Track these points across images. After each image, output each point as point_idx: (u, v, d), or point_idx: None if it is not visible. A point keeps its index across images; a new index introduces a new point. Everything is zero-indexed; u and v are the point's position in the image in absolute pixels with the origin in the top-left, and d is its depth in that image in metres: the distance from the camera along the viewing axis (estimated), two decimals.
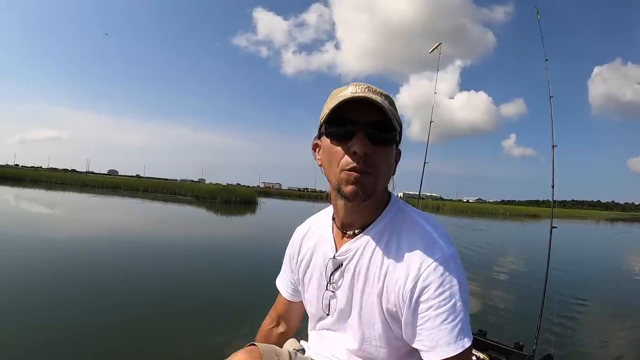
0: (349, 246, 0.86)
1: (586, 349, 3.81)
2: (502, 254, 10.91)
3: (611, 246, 17.09)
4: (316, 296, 0.94)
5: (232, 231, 12.21)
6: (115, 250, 6.78)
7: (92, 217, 12.34)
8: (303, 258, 0.98)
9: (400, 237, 0.82)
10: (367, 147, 0.75)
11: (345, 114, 0.77)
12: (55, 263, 5.53)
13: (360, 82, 0.81)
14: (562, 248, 10.72)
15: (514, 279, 7.23)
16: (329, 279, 0.90)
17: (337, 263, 0.88)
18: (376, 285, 0.81)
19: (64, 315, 3.51)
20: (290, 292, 1.07)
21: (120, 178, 54.11)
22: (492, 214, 42.21)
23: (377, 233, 0.84)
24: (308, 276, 0.97)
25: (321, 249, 0.94)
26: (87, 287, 4.45)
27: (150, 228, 10.76)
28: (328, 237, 0.93)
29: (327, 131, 0.80)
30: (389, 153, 0.80)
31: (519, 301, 5.51)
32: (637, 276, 8.83)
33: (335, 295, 0.89)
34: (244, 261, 7.01)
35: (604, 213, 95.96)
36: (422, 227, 0.82)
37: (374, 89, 0.80)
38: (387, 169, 0.81)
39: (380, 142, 0.77)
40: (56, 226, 9.63)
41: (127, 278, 4.97)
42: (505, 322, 4.36)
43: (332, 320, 0.91)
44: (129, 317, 3.62)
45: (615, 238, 22.03)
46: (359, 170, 0.76)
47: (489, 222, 28.44)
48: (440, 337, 0.73)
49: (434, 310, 0.73)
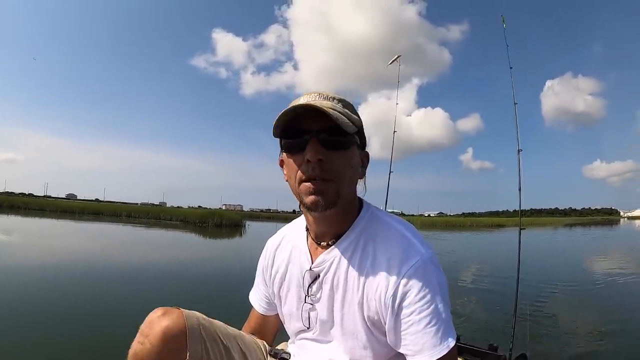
0: (324, 257, 0.85)
1: (557, 345, 3.96)
2: (471, 260, 11.56)
3: (572, 248, 18.37)
4: (295, 309, 0.91)
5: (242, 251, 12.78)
6: (137, 286, 6.26)
7: (99, 248, 12.08)
8: (277, 270, 0.96)
9: (376, 243, 0.81)
10: (320, 153, 0.75)
11: (299, 125, 0.76)
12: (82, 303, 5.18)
13: (313, 91, 0.81)
14: (528, 252, 10.96)
15: (484, 283, 7.61)
16: (307, 291, 0.88)
17: (314, 275, 0.86)
18: (356, 294, 0.81)
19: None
20: (265, 306, 1.05)
21: (103, 204, 53.03)
22: (460, 227, 44.40)
23: (352, 241, 0.83)
24: (285, 289, 0.94)
25: (296, 260, 0.92)
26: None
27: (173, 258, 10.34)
28: (303, 248, 0.91)
29: (283, 145, 0.81)
30: (348, 156, 0.79)
31: (490, 304, 5.80)
32: (596, 274, 9.58)
33: (314, 307, 0.87)
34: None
35: (562, 219, 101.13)
36: (398, 231, 0.82)
37: (326, 94, 0.80)
38: (349, 173, 0.79)
39: (336, 146, 0.76)
40: (64, 261, 9.05)
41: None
42: (477, 325, 4.48)
43: (313, 334, 0.89)
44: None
45: (575, 241, 23.69)
46: (316, 178, 0.75)
47: (459, 234, 30.28)
48: (425, 340, 0.73)
49: (417, 314, 0.74)
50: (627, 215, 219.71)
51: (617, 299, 6.47)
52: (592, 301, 6.27)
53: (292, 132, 0.77)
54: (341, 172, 0.77)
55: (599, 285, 7.88)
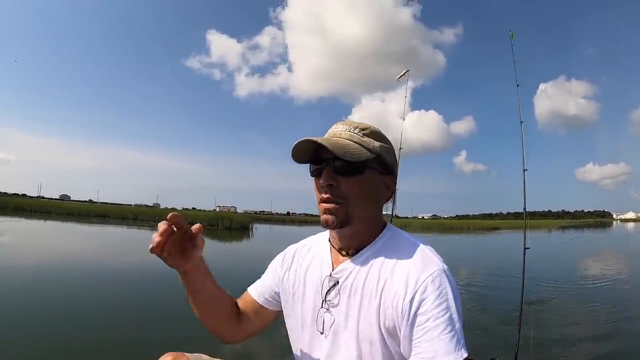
0: (345, 265, 0.90)
1: (560, 353, 4.00)
2: (469, 265, 11.57)
3: (567, 251, 18.76)
4: (311, 314, 0.93)
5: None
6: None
7: (121, 252, 12.62)
8: (295, 274, 1.00)
9: (395, 254, 0.86)
10: (330, 179, 0.84)
11: (319, 154, 0.87)
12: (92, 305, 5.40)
13: (341, 121, 0.92)
14: (520, 256, 11.60)
15: (483, 289, 7.66)
16: (325, 296, 0.91)
17: (333, 281, 0.90)
18: (373, 301, 0.83)
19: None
20: (267, 298, 1.07)
21: (111, 207, 52.30)
22: (458, 229, 45.48)
23: (374, 252, 0.88)
24: (300, 292, 0.97)
25: (317, 267, 0.96)
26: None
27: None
28: (325, 256, 0.96)
29: (310, 170, 0.91)
30: (362, 182, 0.86)
31: (489, 311, 5.88)
32: (592, 277, 9.75)
33: (330, 312, 0.89)
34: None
35: (556, 222, 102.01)
36: (417, 246, 0.87)
37: (351, 123, 0.91)
38: (362, 195, 0.86)
39: (346, 172, 0.85)
40: (84, 264, 9.44)
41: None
42: (475, 337, 4.54)
43: (326, 340, 0.90)
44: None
45: (569, 244, 24.34)
46: (326, 201, 0.86)
47: (457, 236, 31.14)
48: (439, 347, 0.74)
49: (433, 321, 0.76)
50: (619, 217, 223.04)
51: (617, 302, 6.57)
52: (591, 305, 6.30)
53: (316, 159, 0.88)
54: (352, 195, 0.85)
55: (595, 287, 8.05)
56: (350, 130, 0.88)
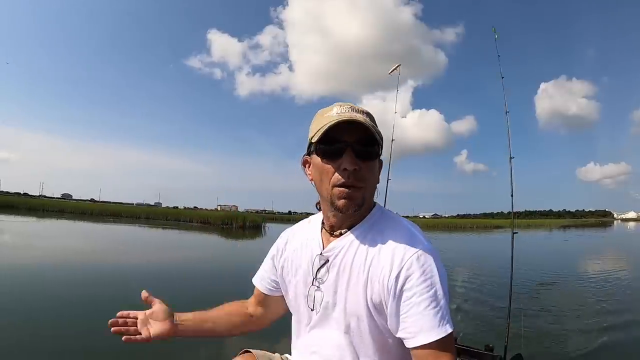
0: (335, 244, 0.93)
1: (551, 343, 4.14)
2: (469, 260, 11.98)
3: (566, 250, 19.04)
4: (302, 292, 0.98)
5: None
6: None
7: (157, 251, 13.10)
8: (288, 256, 1.04)
9: (383, 233, 0.89)
10: (355, 163, 0.84)
11: (333, 133, 0.84)
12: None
13: (344, 102, 0.90)
14: (522, 254, 10.14)
15: (478, 283, 7.84)
16: (315, 274, 0.95)
17: (323, 259, 0.94)
18: (361, 277, 0.87)
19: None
20: (267, 287, 1.12)
21: (123, 207, 53.08)
22: (462, 228, 46.60)
23: (362, 231, 0.92)
24: (292, 273, 1.02)
25: (308, 247, 0.99)
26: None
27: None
28: (316, 236, 0.99)
29: (319, 150, 0.87)
30: (374, 166, 0.89)
31: (485, 304, 6.08)
32: (590, 274, 10.06)
33: (320, 289, 0.94)
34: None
35: (557, 221, 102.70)
36: (404, 226, 0.91)
37: (357, 107, 0.89)
38: (374, 180, 0.91)
39: (367, 157, 0.86)
40: (106, 261, 9.90)
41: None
42: (473, 325, 4.70)
43: (316, 316, 0.95)
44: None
45: (569, 242, 24.87)
46: (349, 185, 0.85)
47: (460, 235, 32.24)
48: (423, 322, 0.78)
49: (418, 297, 0.79)
50: (620, 217, 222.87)
51: (609, 297, 6.87)
52: (588, 303, 6.50)
53: (329, 139, 0.85)
54: (369, 179, 0.88)
55: (591, 284, 8.32)
56: (362, 113, 0.88)
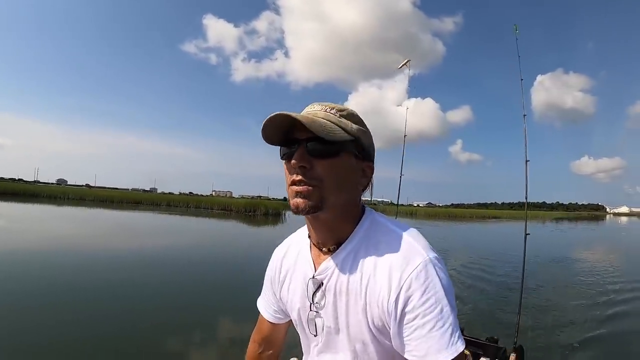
0: (326, 264, 0.86)
1: (551, 337, 4.17)
2: (470, 252, 11.98)
3: (561, 243, 19.34)
4: (301, 317, 0.93)
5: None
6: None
7: (207, 241, 13.67)
8: (284, 279, 0.98)
9: (377, 248, 0.81)
10: (304, 160, 0.77)
11: (292, 135, 0.80)
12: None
13: (317, 102, 0.84)
14: (520, 245, 11.94)
15: (483, 276, 7.95)
16: (312, 299, 0.89)
17: (317, 282, 0.87)
18: (359, 300, 0.81)
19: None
20: (272, 314, 1.05)
21: (146, 194, 53.73)
22: (460, 217, 48.55)
23: (353, 248, 0.84)
24: (290, 297, 0.95)
25: (300, 268, 0.93)
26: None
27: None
28: (306, 255, 0.92)
29: (280, 154, 0.83)
30: (337, 165, 0.79)
31: (488, 297, 6.16)
32: (584, 265, 10.42)
33: (319, 315, 0.88)
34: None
35: (550, 213, 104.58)
36: (399, 236, 0.81)
37: (327, 105, 0.83)
38: (337, 180, 0.79)
39: (320, 154, 0.78)
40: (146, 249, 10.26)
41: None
42: (475, 319, 4.72)
43: (321, 341, 0.90)
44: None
45: (564, 235, 25.24)
46: (298, 183, 0.78)
47: (461, 224, 33.48)
48: (430, 345, 0.72)
49: (421, 318, 0.73)
50: (613, 211, 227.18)
51: (606, 291, 6.99)
52: (587, 296, 6.59)
53: (288, 141, 0.81)
54: (326, 178, 0.78)
55: (586, 276, 8.47)
56: (326, 110, 0.82)
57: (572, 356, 3.91)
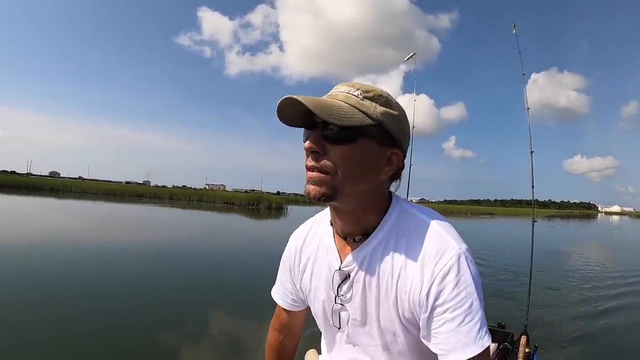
0: (354, 256, 0.82)
1: (556, 325, 4.33)
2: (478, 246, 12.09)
3: (554, 237, 19.42)
4: (325, 310, 0.89)
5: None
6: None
7: (218, 234, 13.84)
8: (305, 268, 0.93)
9: (408, 240, 0.78)
10: (317, 145, 0.73)
11: (313, 117, 0.73)
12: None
13: (343, 82, 0.79)
14: (521, 240, 11.32)
15: (484, 268, 8.08)
16: (337, 291, 0.85)
17: (343, 275, 0.84)
18: (390, 293, 0.78)
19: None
20: (290, 303, 1.01)
21: (149, 187, 53.59)
22: (457, 213, 49.23)
23: (382, 239, 0.80)
24: (313, 288, 0.91)
25: (324, 258, 0.89)
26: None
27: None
28: (330, 245, 0.87)
29: (303, 138, 0.77)
30: (353, 151, 0.73)
31: (494, 286, 6.41)
32: (583, 261, 10.58)
33: (345, 307, 0.85)
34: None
35: (542, 211, 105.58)
36: (431, 226, 0.78)
37: (354, 84, 0.76)
38: (353, 168, 0.73)
39: (337, 140, 0.72)
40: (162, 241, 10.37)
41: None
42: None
43: (345, 334, 0.88)
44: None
45: (558, 231, 25.78)
46: (311, 169, 0.74)
47: (462, 221, 33.46)
48: (458, 339, 0.71)
49: (451, 312, 0.72)
50: (605, 210, 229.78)
51: (602, 284, 7.24)
52: (585, 288, 6.80)
53: (310, 124, 0.75)
54: (341, 166, 0.72)
55: (586, 271, 8.66)
56: (350, 91, 0.75)
57: (573, 342, 4.08)
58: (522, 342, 2.52)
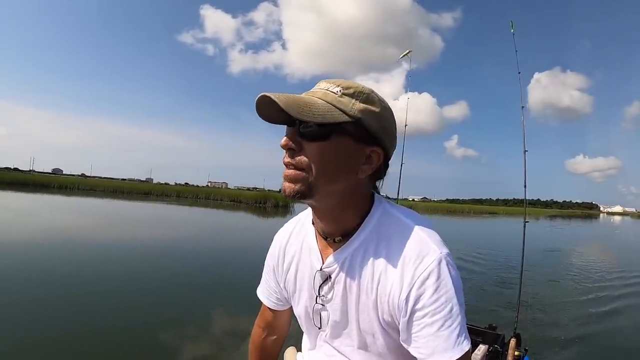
0: (336, 256, 0.82)
1: (547, 327, 4.28)
2: (470, 246, 11.93)
3: (555, 237, 20.09)
4: (306, 309, 0.90)
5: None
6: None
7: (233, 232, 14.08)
8: (288, 268, 0.93)
9: (389, 242, 0.77)
10: (291, 141, 0.72)
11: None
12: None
13: (325, 80, 0.77)
14: (517, 241, 11.72)
15: (480, 267, 8.17)
16: (318, 291, 0.85)
17: (324, 275, 0.84)
18: (370, 296, 0.78)
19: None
20: (274, 302, 1.02)
21: (152, 185, 53.58)
22: (460, 212, 49.76)
23: (364, 240, 0.79)
24: (296, 288, 0.92)
25: (306, 258, 0.89)
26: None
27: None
28: (312, 245, 0.87)
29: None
30: (328, 149, 0.72)
31: (484, 288, 6.33)
32: (583, 262, 10.52)
33: (325, 308, 0.85)
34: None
35: (544, 210, 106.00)
36: (413, 230, 0.77)
37: (334, 81, 0.75)
38: (327, 166, 0.72)
39: (312, 137, 0.71)
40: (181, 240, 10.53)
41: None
42: (473, 307, 4.73)
43: (326, 334, 0.88)
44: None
45: (560, 231, 26.40)
46: (287, 165, 0.74)
47: (461, 219, 34.67)
48: (437, 344, 0.71)
49: (430, 317, 0.72)
50: (607, 210, 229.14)
51: (603, 286, 7.20)
52: (580, 289, 6.80)
53: (290, 120, 0.73)
54: (314, 163, 0.71)
55: (585, 270, 8.67)
56: (329, 88, 0.74)
57: (566, 345, 4.04)
58: (511, 345, 2.47)
